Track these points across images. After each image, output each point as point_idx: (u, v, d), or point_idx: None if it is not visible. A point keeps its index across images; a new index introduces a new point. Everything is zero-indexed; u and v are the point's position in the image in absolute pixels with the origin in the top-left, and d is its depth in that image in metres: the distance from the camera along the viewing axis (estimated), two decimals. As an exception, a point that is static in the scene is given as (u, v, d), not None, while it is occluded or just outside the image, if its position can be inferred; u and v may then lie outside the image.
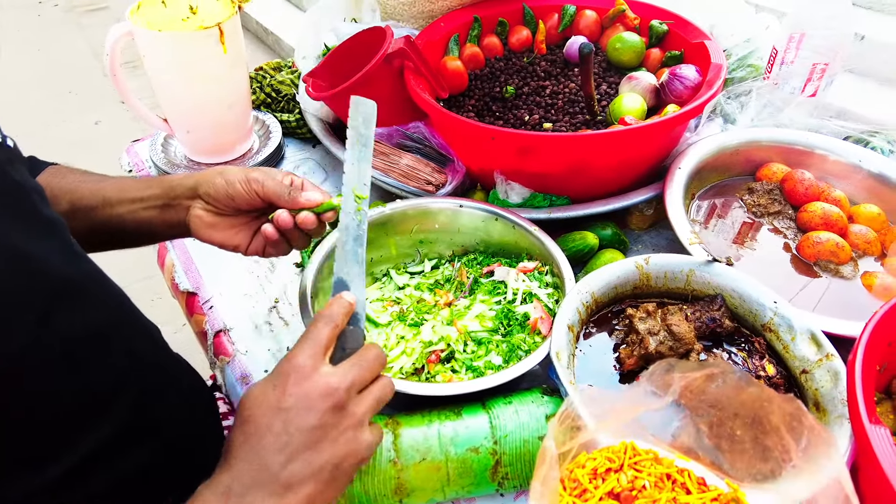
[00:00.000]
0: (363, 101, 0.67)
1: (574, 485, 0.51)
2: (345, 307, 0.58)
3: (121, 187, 0.74)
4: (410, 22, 1.27)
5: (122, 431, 0.61)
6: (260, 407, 0.52)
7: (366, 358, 0.56)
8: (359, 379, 0.55)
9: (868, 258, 0.94)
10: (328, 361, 0.55)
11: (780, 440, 0.52)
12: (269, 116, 1.32)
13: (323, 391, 0.52)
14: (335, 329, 0.56)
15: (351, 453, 0.53)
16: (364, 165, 0.65)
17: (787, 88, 1.13)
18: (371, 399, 0.56)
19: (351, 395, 0.54)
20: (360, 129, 0.66)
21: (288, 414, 0.51)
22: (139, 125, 3.23)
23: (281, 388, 0.52)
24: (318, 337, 0.55)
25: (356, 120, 0.66)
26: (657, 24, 1.21)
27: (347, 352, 0.57)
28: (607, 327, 0.81)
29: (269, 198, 0.69)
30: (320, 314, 0.57)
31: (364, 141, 0.66)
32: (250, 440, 0.51)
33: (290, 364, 0.53)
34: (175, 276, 1.07)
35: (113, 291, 0.67)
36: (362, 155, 0.66)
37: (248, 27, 4.16)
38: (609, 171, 0.99)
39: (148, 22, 1.08)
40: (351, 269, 0.62)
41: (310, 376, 0.52)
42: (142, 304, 0.72)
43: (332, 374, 0.53)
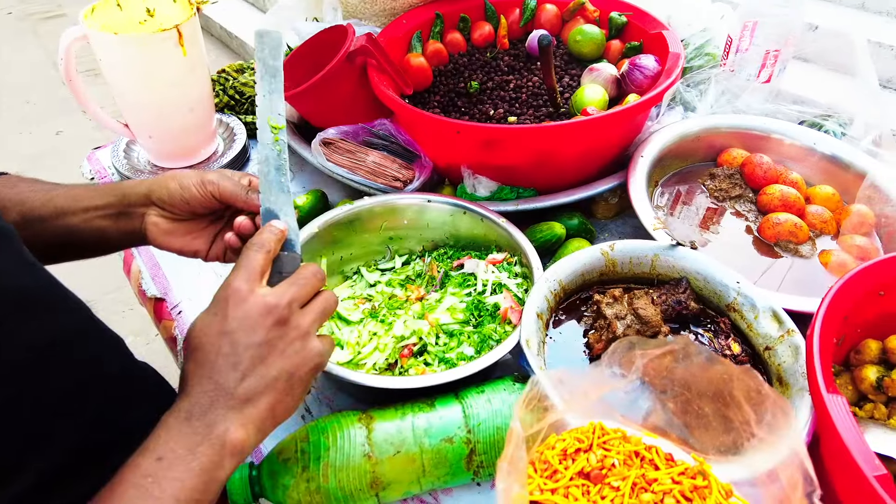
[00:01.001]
0: (269, 33, 0.66)
1: (544, 466, 0.52)
2: (275, 234, 0.59)
3: (73, 196, 0.71)
4: (372, 20, 1.27)
5: (87, 442, 0.60)
6: (206, 334, 0.54)
7: (302, 275, 0.58)
8: (298, 294, 0.56)
9: (825, 237, 0.97)
10: (265, 284, 0.56)
11: (742, 413, 0.54)
12: (233, 119, 1.30)
13: (263, 309, 0.53)
14: (268, 254, 0.57)
15: (302, 362, 0.55)
16: (276, 96, 0.66)
17: (743, 75, 1.16)
18: (314, 311, 0.57)
19: (292, 310, 0.55)
20: (268, 61, 0.66)
21: (233, 335, 0.53)
22: (103, 133, 3.17)
23: (222, 313, 0.54)
24: (252, 262, 0.56)
25: (262, 52, 0.66)
26: (616, 15, 1.23)
27: (284, 275, 0.58)
28: (576, 314, 0.82)
29: (226, 199, 0.68)
30: (250, 242, 0.58)
31: (273, 72, 0.66)
32: (202, 366, 0.53)
33: (227, 290, 0.54)
34: (142, 283, 1.05)
35: (71, 301, 0.66)
36: (273, 86, 0.66)
37: (211, 32, 4.10)
38: (573, 161, 1.01)
39: (103, 25, 1.06)
40: (277, 197, 0.63)
41: (247, 298, 0.54)
42: (113, 316, 0.71)
43: (270, 294, 0.55)
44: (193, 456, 0.50)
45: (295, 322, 0.55)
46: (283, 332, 0.55)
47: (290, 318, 0.55)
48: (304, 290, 0.57)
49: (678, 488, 0.51)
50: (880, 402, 0.68)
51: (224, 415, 0.51)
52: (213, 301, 0.56)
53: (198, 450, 0.50)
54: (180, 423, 0.51)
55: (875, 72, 1.03)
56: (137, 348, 2.13)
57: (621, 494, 0.50)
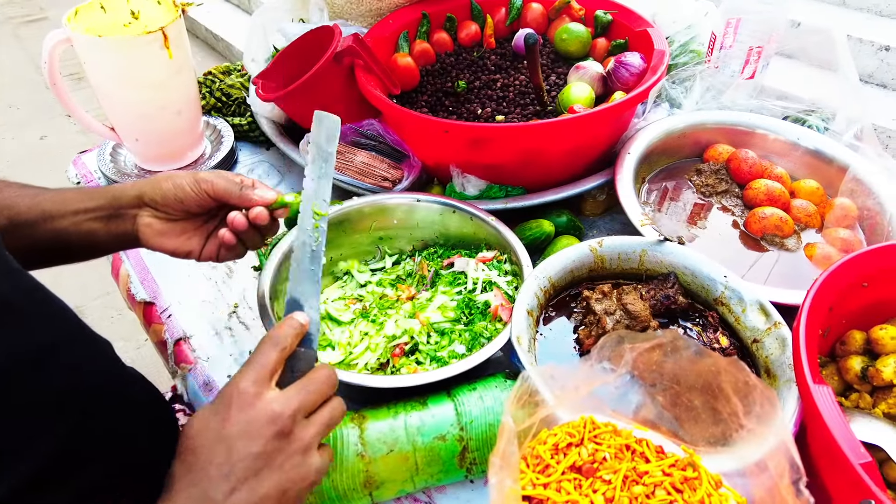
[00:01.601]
0: (327, 117, 0.65)
1: (536, 461, 0.52)
2: (295, 328, 0.56)
3: (61, 199, 0.71)
4: (359, 20, 1.27)
5: (71, 448, 0.60)
6: (202, 436, 0.51)
7: (314, 380, 0.55)
8: (306, 403, 0.53)
9: (810, 230, 0.99)
10: (274, 386, 0.53)
11: (730, 404, 0.54)
12: (221, 121, 1.30)
13: (267, 418, 0.51)
14: (283, 352, 0.54)
15: (297, 479, 0.52)
16: (324, 182, 0.65)
17: (727, 72, 1.18)
18: (319, 423, 0.54)
19: (297, 420, 0.52)
20: (323, 146, 0.65)
21: (230, 442, 0.50)
22: (89, 138, 3.13)
23: (223, 415, 0.51)
24: (264, 361, 0.53)
25: (319, 136, 0.65)
26: (602, 14, 1.23)
27: (297, 375, 0.55)
28: (566, 310, 0.83)
29: (220, 196, 0.68)
30: (268, 336, 0.55)
31: (325, 157, 0.65)
32: (192, 470, 0.50)
33: (233, 390, 0.52)
34: (131, 287, 1.05)
35: (56, 308, 0.65)
36: (323, 171, 0.65)
37: (197, 34, 4.07)
38: (561, 159, 1.01)
39: (87, 28, 1.05)
40: (305, 287, 0.60)
41: (253, 403, 0.51)
42: (102, 321, 0.70)
43: (276, 400, 0.52)
44: None
45: (298, 434, 0.52)
46: (284, 446, 0.51)
47: (293, 431, 0.52)
48: (312, 398, 0.54)
49: (669, 480, 0.51)
50: (865, 392, 0.69)
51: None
52: (217, 398, 0.53)
53: None
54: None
55: (855, 67, 1.05)
56: (127, 353, 2.11)
57: (613, 487, 0.50)
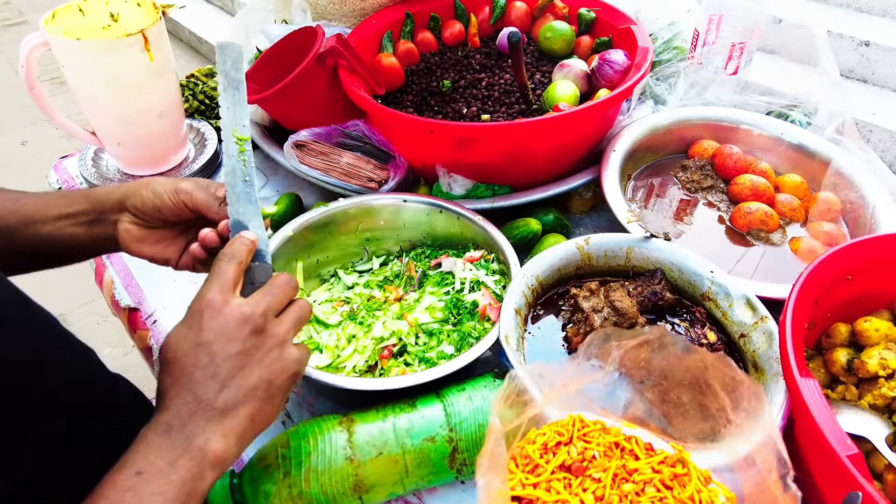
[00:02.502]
0: (229, 45, 0.66)
1: (525, 461, 0.52)
2: (246, 244, 0.59)
3: (43, 204, 0.70)
4: (342, 21, 1.26)
5: (57, 458, 0.59)
6: (181, 347, 0.53)
7: (276, 285, 0.58)
8: (273, 303, 0.56)
9: (794, 224, 0.99)
10: (238, 295, 0.56)
11: (718, 400, 0.54)
12: (204, 124, 1.28)
13: (239, 319, 0.53)
14: (240, 265, 0.57)
15: (280, 370, 0.55)
16: (240, 108, 0.66)
17: (710, 68, 1.18)
18: (289, 319, 0.57)
19: (268, 319, 0.55)
20: (230, 73, 0.66)
21: (210, 347, 0.52)
22: (71, 143, 3.09)
23: (197, 325, 0.53)
24: (224, 273, 0.55)
25: (224, 64, 0.66)
26: (585, 11, 1.24)
27: (257, 286, 0.58)
28: (554, 309, 0.82)
29: (199, 209, 0.68)
30: (221, 253, 0.57)
31: (236, 84, 0.66)
32: (179, 379, 0.52)
33: (201, 302, 0.54)
34: (115, 293, 1.03)
35: (39, 316, 0.64)
36: (237, 98, 0.66)
37: (180, 37, 4.04)
38: (547, 157, 1.01)
39: (65, 31, 1.03)
40: (245, 208, 0.63)
41: (222, 309, 0.53)
42: (88, 328, 0.69)
43: (245, 304, 0.54)
44: (174, 469, 0.49)
45: (271, 331, 0.55)
46: (260, 342, 0.54)
47: (266, 328, 0.55)
48: (279, 299, 0.57)
49: (658, 477, 0.51)
50: (851, 384, 0.70)
51: (204, 426, 0.51)
52: (187, 313, 0.55)
53: (178, 462, 0.50)
54: (159, 437, 0.50)
55: (836, 62, 1.06)
56: (114, 360, 2.08)
57: (602, 486, 0.50)
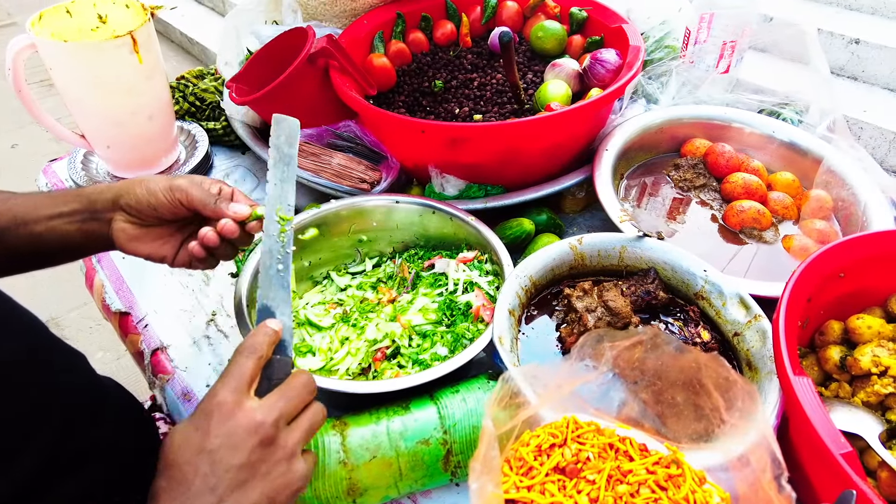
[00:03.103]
0: (285, 119, 0.64)
1: (520, 463, 0.51)
2: (269, 336, 0.56)
3: (33, 204, 0.69)
4: (333, 21, 1.25)
5: (48, 464, 0.58)
6: (184, 451, 0.50)
7: (293, 387, 0.54)
8: (287, 410, 0.53)
9: (787, 222, 0.99)
10: (253, 395, 0.53)
11: (711, 400, 0.54)
12: (195, 126, 1.27)
13: (249, 427, 0.50)
14: (259, 360, 0.54)
15: (283, 487, 0.51)
16: (287, 186, 0.63)
17: (702, 66, 1.18)
18: (301, 429, 0.54)
19: (279, 428, 0.52)
20: (283, 148, 0.63)
21: (213, 455, 0.49)
22: (62, 146, 3.07)
23: (204, 428, 0.50)
24: (241, 371, 0.52)
25: (278, 138, 0.64)
26: (577, 11, 1.23)
27: (274, 382, 0.55)
28: (548, 309, 0.82)
29: (194, 207, 0.67)
30: (242, 346, 0.54)
31: (287, 160, 0.63)
32: (176, 488, 0.49)
33: (212, 402, 0.51)
34: (106, 297, 1.02)
35: (24, 320, 0.63)
36: (286, 175, 0.63)
37: (171, 38, 4.02)
38: (539, 157, 1.01)
39: (53, 33, 1.02)
40: (276, 294, 0.59)
41: (233, 413, 0.50)
42: (80, 332, 0.68)
43: (258, 409, 0.51)
44: None
45: (281, 442, 0.52)
46: (268, 454, 0.51)
47: (276, 438, 0.51)
48: (293, 404, 0.54)
49: (653, 478, 0.51)
50: (844, 381, 0.70)
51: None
52: (196, 412, 0.52)
53: None
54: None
55: (826, 60, 1.06)
56: (106, 364, 2.07)
57: (597, 487, 0.50)
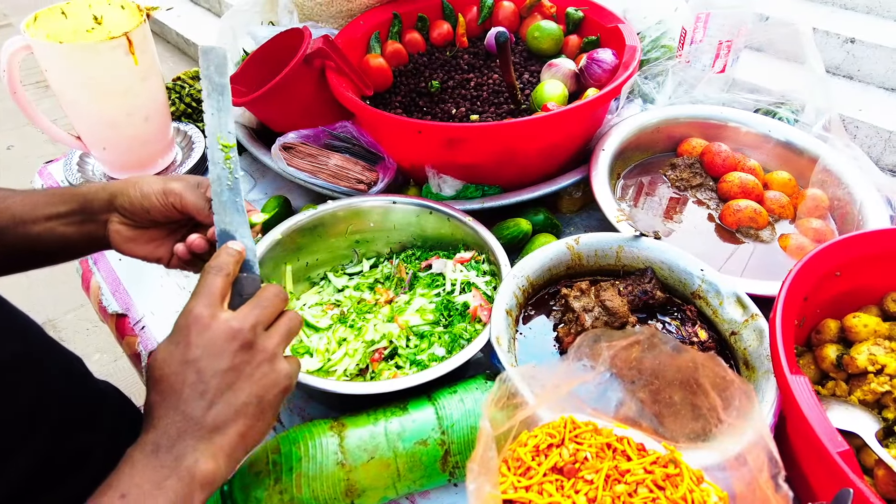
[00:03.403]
0: (213, 49, 0.64)
1: (517, 464, 0.51)
2: (233, 255, 0.57)
3: (31, 203, 0.69)
4: (329, 22, 1.25)
5: (44, 465, 0.58)
6: (169, 364, 0.51)
7: (265, 297, 0.56)
8: (262, 317, 0.55)
9: (783, 221, 1.00)
10: (226, 308, 0.54)
11: (708, 399, 0.54)
12: (191, 127, 1.27)
13: (227, 334, 0.52)
14: (227, 277, 0.55)
15: (271, 385, 0.53)
16: (224, 114, 0.64)
17: (698, 66, 1.19)
18: (279, 333, 0.56)
19: (257, 333, 0.54)
20: (214, 78, 0.64)
21: (198, 363, 0.51)
22: (58, 147, 3.06)
23: (184, 342, 0.52)
24: (211, 287, 0.54)
25: (208, 69, 0.64)
26: (573, 11, 1.24)
27: (245, 297, 0.57)
28: (545, 309, 0.82)
29: (188, 212, 0.67)
30: (208, 266, 0.56)
31: (220, 89, 0.64)
32: (168, 397, 0.51)
33: (188, 317, 0.53)
34: (102, 299, 1.02)
35: (18, 322, 0.63)
36: (221, 104, 0.64)
37: (168, 39, 4.01)
38: (536, 157, 1.01)
39: (48, 34, 1.02)
40: (232, 217, 0.61)
41: (210, 324, 0.52)
42: (77, 335, 0.67)
43: (233, 318, 0.53)
44: (161, 491, 0.48)
45: (261, 345, 0.54)
46: (250, 357, 0.53)
47: (255, 342, 0.53)
48: (268, 312, 0.55)
49: (651, 478, 0.51)
50: (841, 380, 0.70)
51: (193, 446, 0.49)
52: (173, 329, 0.53)
53: (165, 484, 0.48)
54: (146, 457, 0.49)
55: (821, 59, 1.06)
56: (104, 366, 2.06)
57: (595, 487, 0.50)
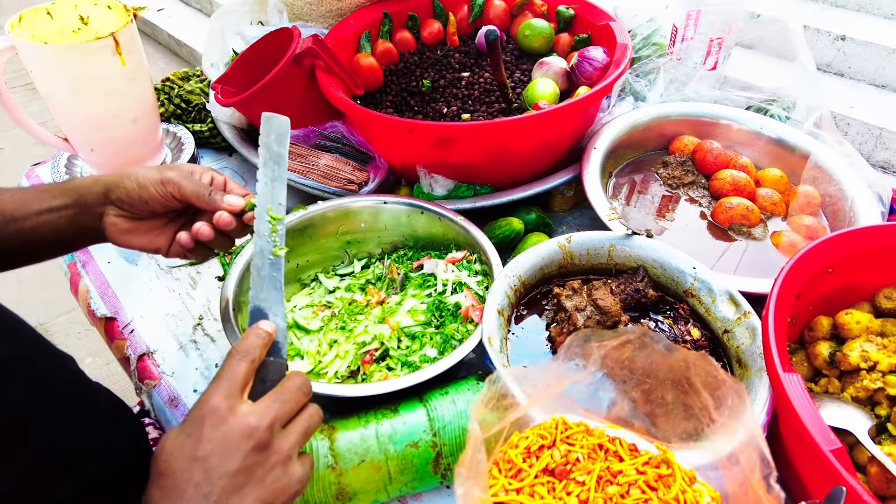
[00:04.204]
0: (275, 117, 0.63)
1: (508, 466, 0.51)
2: (262, 338, 0.54)
3: (21, 200, 0.68)
4: (319, 21, 1.24)
5: (36, 468, 0.57)
6: (177, 459, 0.48)
7: (287, 389, 0.53)
8: (282, 413, 0.51)
9: (776, 218, 0.99)
10: (247, 399, 0.52)
11: (700, 399, 0.54)
12: (181, 128, 1.26)
13: (243, 433, 0.49)
14: (252, 364, 0.52)
15: (280, 490, 0.50)
16: (278, 185, 0.62)
17: (689, 63, 1.18)
18: (296, 432, 0.53)
19: (274, 432, 0.50)
20: (273, 147, 0.62)
21: (207, 462, 0.48)
22: (47, 149, 3.03)
23: (197, 435, 0.49)
24: (233, 374, 0.51)
25: (268, 137, 0.63)
26: (564, 9, 1.23)
27: (268, 385, 0.53)
28: (537, 308, 0.82)
29: (187, 200, 0.66)
30: (234, 349, 0.53)
31: (277, 159, 0.62)
32: (170, 496, 0.47)
33: (204, 408, 0.50)
34: (91, 303, 1.01)
35: (11, 323, 0.62)
36: (276, 174, 0.62)
37: (159, 39, 3.99)
38: (528, 155, 1.00)
39: (33, 35, 1.01)
40: (269, 294, 0.58)
41: (226, 419, 0.49)
42: (69, 338, 0.66)
43: (251, 413, 0.50)
44: None
45: (276, 446, 0.50)
46: (263, 458, 0.50)
47: (271, 443, 0.50)
48: (288, 407, 0.52)
49: (643, 478, 0.51)
50: (834, 377, 0.70)
51: None
52: (188, 418, 0.51)
53: None
54: None
55: (812, 57, 1.06)
56: (96, 370, 2.04)
57: (587, 489, 0.49)
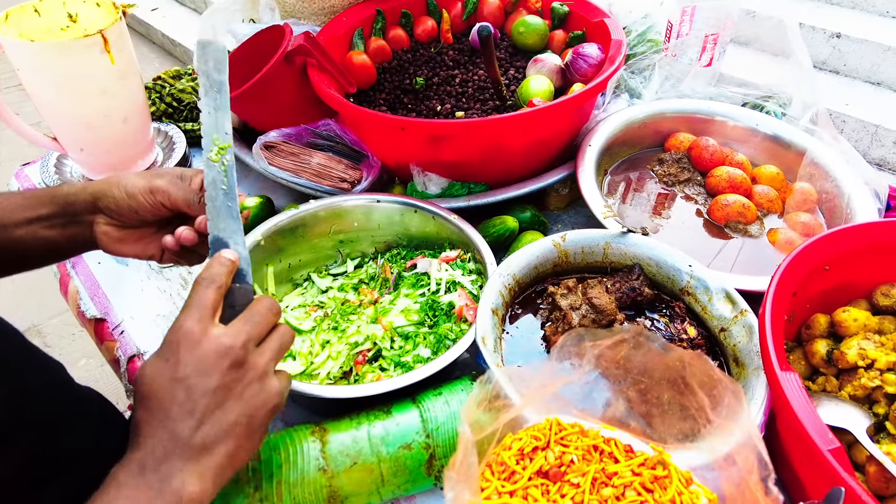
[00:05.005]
0: (210, 43, 0.61)
1: (501, 468, 0.50)
2: (226, 265, 0.55)
3: (9, 207, 0.67)
4: (311, 19, 1.23)
5: (28, 469, 0.56)
6: (157, 381, 0.50)
7: (257, 311, 0.55)
8: (254, 332, 0.53)
9: (772, 215, 0.99)
10: (218, 322, 0.53)
11: (696, 399, 0.53)
12: (172, 127, 1.25)
13: (218, 352, 0.51)
14: (219, 290, 0.54)
15: (261, 404, 0.52)
16: (222, 113, 0.61)
17: (685, 60, 1.17)
18: (271, 349, 0.55)
19: (249, 350, 0.52)
20: (212, 74, 0.61)
21: (187, 381, 0.50)
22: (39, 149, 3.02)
23: (174, 357, 0.50)
24: (202, 300, 0.53)
25: (206, 64, 0.61)
26: (558, 5, 1.22)
27: (238, 309, 0.55)
28: (532, 308, 0.81)
29: (178, 208, 0.65)
30: (200, 277, 0.54)
31: (218, 87, 0.61)
32: (155, 415, 0.49)
33: (178, 332, 0.51)
34: (80, 304, 1.00)
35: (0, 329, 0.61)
36: (219, 102, 0.61)
37: (153, 39, 3.97)
38: (522, 153, 1.00)
39: (21, 33, 0.99)
40: (226, 224, 0.58)
41: (200, 341, 0.51)
42: (62, 340, 0.65)
43: (224, 334, 0.52)
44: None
45: (252, 363, 0.52)
46: (240, 375, 0.52)
47: (246, 359, 0.52)
48: (259, 328, 0.54)
49: (639, 480, 0.50)
50: (831, 375, 0.69)
51: (180, 466, 0.48)
52: (163, 344, 0.52)
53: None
54: (132, 478, 0.47)
55: (808, 54, 1.05)
56: (90, 371, 2.03)
57: (581, 491, 0.49)
